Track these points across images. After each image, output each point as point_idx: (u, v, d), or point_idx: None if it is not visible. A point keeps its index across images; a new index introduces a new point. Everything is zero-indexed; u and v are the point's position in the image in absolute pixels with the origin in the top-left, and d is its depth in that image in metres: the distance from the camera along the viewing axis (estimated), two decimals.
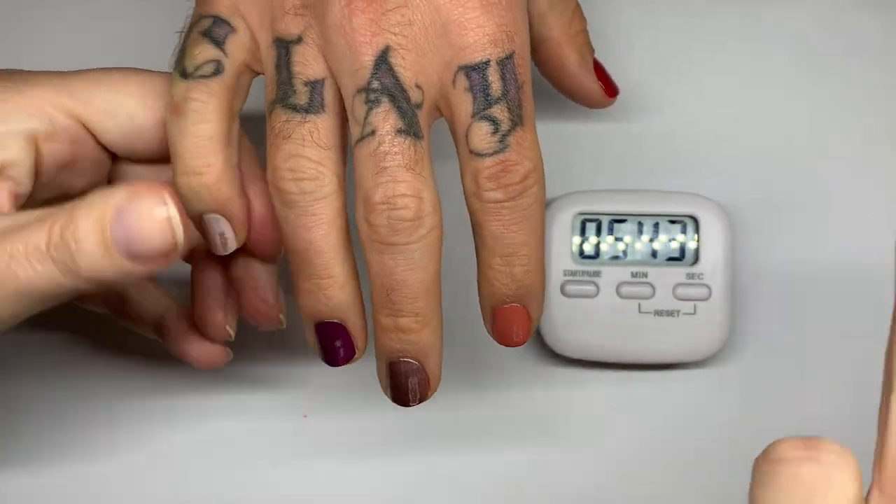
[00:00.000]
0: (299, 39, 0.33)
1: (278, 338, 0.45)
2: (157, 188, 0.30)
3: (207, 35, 0.34)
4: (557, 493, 0.43)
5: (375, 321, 0.34)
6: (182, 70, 0.34)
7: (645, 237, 0.43)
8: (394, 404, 0.36)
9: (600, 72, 0.41)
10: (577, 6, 0.40)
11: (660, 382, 0.44)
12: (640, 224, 0.43)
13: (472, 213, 0.34)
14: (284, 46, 0.34)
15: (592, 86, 0.41)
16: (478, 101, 0.33)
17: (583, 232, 0.43)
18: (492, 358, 0.39)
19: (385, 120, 0.32)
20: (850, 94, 0.46)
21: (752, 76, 0.46)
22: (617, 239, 0.43)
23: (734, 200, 0.45)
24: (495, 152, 0.33)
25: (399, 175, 0.32)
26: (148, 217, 0.29)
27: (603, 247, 0.43)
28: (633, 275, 0.42)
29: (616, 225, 0.43)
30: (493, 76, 0.33)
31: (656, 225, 0.43)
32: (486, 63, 0.33)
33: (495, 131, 0.33)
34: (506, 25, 0.33)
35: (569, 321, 0.42)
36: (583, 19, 0.40)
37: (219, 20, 0.35)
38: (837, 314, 0.44)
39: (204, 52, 0.34)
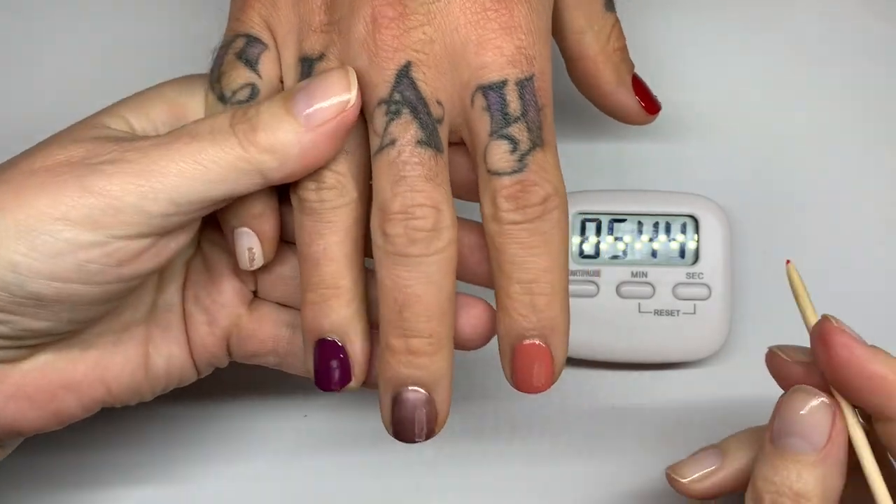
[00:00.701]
0: (321, 56, 0.34)
1: None
2: (343, 71, 0.33)
3: (241, 57, 0.35)
4: (557, 492, 0.43)
5: (384, 344, 0.33)
6: (220, 94, 0.35)
7: (645, 237, 0.43)
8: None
9: (640, 88, 0.40)
10: (616, 23, 0.39)
11: (660, 382, 0.43)
12: (640, 224, 0.43)
13: (489, 238, 0.33)
14: (308, 63, 0.34)
15: (630, 103, 0.40)
16: (495, 119, 0.33)
17: (583, 231, 0.43)
18: (491, 357, 0.39)
19: (405, 130, 0.32)
20: (850, 94, 0.46)
21: (751, 76, 0.46)
22: (617, 239, 0.43)
23: (734, 200, 0.45)
24: (514, 171, 0.32)
25: (418, 185, 0.32)
26: (327, 85, 0.32)
27: (603, 246, 0.43)
28: (633, 274, 0.42)
29: (616, 225, 0.43)
30: (511, 96, 0.33)
31: (656, 225, 0.43)
32: (504, 83, 0.33)
33: (514, 150, 0.32)
34: (525, 48, 0.33)
35: None
36: (621, 37, 0.39)
37: (251, 39, 0.35)
38: (837, 314, 0.44)
39: (239, 76, 0.34)
